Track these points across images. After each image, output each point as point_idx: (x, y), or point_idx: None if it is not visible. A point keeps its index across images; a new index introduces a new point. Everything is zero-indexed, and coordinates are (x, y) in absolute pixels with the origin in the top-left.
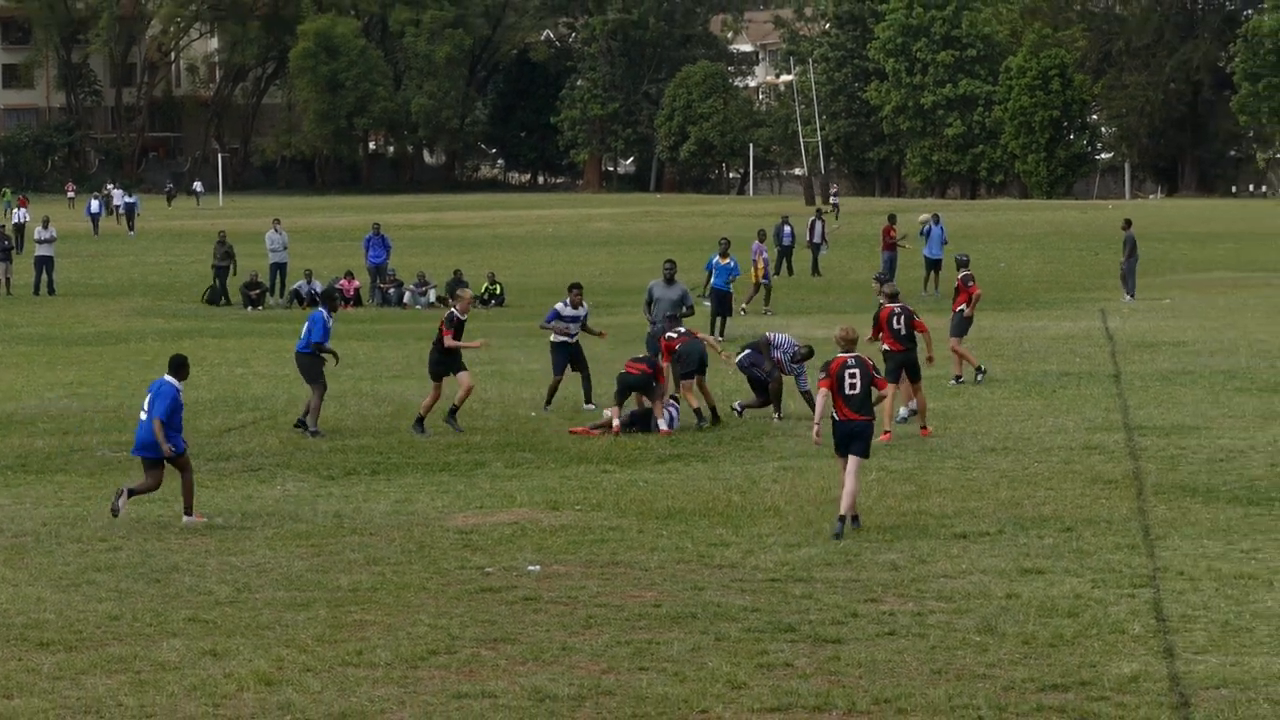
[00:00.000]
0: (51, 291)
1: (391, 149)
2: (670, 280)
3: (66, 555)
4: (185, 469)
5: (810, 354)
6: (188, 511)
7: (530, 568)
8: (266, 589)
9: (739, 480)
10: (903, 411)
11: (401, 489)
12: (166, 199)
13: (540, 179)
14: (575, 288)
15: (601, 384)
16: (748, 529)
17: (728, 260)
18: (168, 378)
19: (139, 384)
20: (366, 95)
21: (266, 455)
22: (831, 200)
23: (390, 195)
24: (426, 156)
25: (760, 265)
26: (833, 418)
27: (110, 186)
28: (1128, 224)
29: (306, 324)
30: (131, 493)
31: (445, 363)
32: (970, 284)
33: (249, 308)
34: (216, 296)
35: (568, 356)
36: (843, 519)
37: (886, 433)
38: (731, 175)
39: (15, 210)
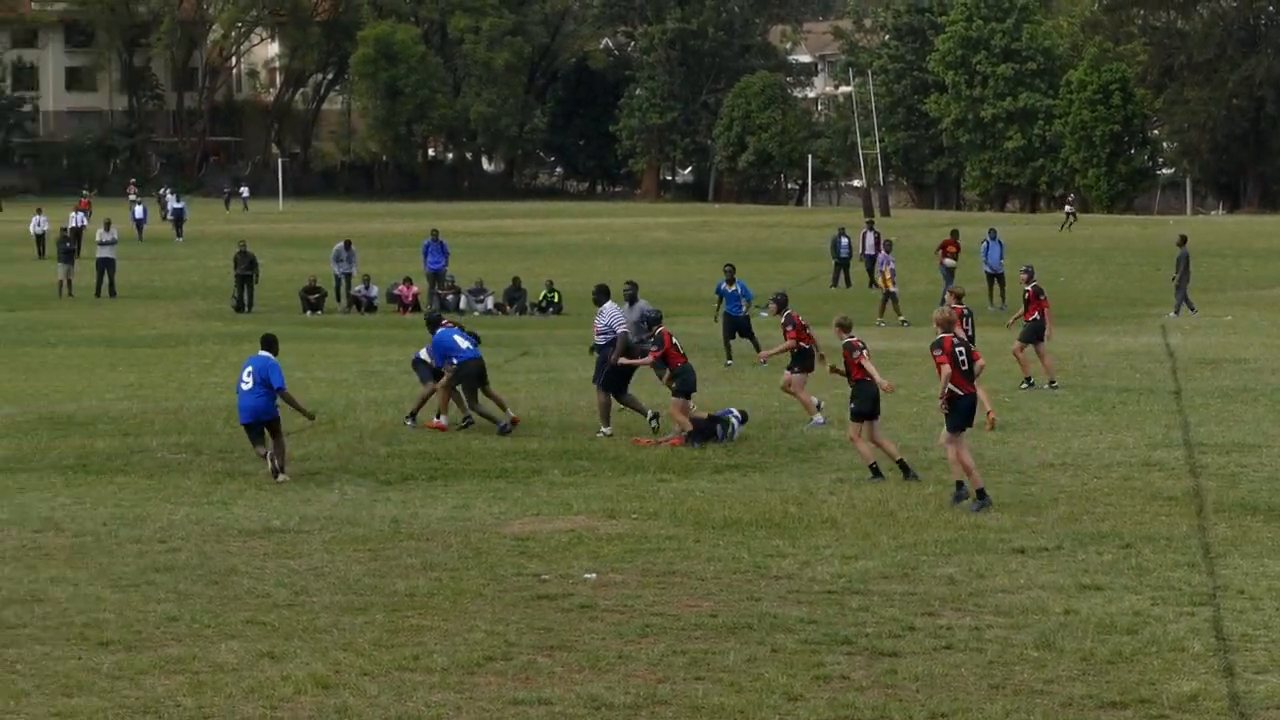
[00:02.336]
0: (113, 294)
1: (450, 156)
2: (633, 300)
3: (126, 556)
4: (279, 433)
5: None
6: (281, 469)
7: (586, 575)
8: (324, 593)
9: (795, 491)
10: (819, 418)
11: (458, 495)
12: (225, 203)
13: (598, 187)
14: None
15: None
16: (804, 540)
17: (734, 286)
18: (264, 353)
19: (199, 386)
20: (426, 102)
21: (324, 459)
22: (1068, 209)
23: (449, 202)
24: (485, 163)
25: (888, 275)
26: (954, 392)
27: (163, 190)
28: (1183, 240)
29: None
30: (277, 468)
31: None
32: (1041, 296)
33: (308, 312)
34: (241, 306)
35: None
36: (981, 491)
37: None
38: (789, 186)
39: (74, 214)
